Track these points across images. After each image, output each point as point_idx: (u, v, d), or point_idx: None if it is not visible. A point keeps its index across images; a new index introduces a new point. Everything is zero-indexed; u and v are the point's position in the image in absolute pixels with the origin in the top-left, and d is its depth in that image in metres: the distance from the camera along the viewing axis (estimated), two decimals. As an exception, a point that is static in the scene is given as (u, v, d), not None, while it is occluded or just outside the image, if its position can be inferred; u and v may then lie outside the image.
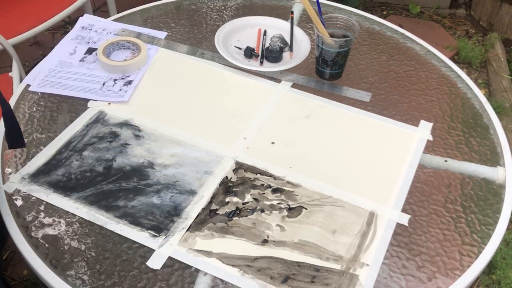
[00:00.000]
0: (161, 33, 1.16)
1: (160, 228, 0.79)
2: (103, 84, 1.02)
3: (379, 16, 1.70)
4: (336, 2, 1.29)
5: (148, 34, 1.15)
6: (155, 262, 0.75)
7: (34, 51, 2.17)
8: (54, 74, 1.05)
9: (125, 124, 0.95)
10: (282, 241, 0.78)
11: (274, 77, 1.06)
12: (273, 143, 0.93)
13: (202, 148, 0.91)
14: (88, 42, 1.12)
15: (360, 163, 0.90)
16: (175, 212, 0.81)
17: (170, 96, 1.01)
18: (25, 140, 0.92)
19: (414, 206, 0.84)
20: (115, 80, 1.03)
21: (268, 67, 1.08)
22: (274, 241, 0.78)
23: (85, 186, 0.85)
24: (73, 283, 0.73)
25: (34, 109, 0.98)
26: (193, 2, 1.27)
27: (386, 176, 0.88)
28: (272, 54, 1.09)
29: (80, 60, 1.08)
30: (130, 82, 1.03)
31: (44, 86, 1.02)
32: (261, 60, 1.09)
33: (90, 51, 1.10)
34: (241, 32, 1.17)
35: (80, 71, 1.05)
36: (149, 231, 0.79)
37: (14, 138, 0.84)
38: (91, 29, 1.16)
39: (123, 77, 1.04)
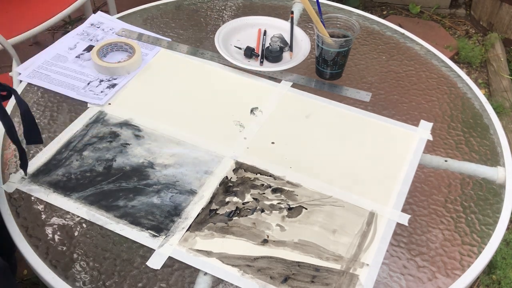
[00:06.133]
0: (161, 33, 1.16)
1: (160, 228, 0.79)
2: (88, 84, 1.02)
3: (379, 16, 1.70)
4: (336, 2, 1.29)
5: (148, 34, 1.15)
6: (155, 262, 0.75)
7: (34, 51, 2.16)
8: (46, 66, 1.05)
9: (125, 124, 0.95)
10: (282, 241, 0.78)
11: (274, 77, 1.06)
12: (273, 143, 0.93)
13: (202, 148, 0.91)
14: (91, 40, 1.12)
15: (360, 163, 0.90)
16: (175, 212, 0.81)
17: (170, 96, 1.01)
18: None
19: (414, 206, 0.84)
20: (101, 81, 1.03)
21: (268, 67, 1.08)
22: (274, 241, 0.78)
23: (85, 186, 0.85)
24: (73, 283, 0.73)
25: (34, 109, 0.98)
26: (193, 2, 1.27)
27: (386, 176, 0.88)
28: (272, 54, 1.09)
29: (76, 56, 1.08)
30: (114, 86, 1.02)
31: (33, 77, 1.02)
32: (261, 60, 1.09)
33: (89, 48, 1.10)
34: (241, 32, 1.17)
35: (71, 67, 1.05)
36: (149, 231, 0.79)
37: (32, 135, 0.84)
38: (99, 27, 1.16)
39: (110, 79, 1.03)
